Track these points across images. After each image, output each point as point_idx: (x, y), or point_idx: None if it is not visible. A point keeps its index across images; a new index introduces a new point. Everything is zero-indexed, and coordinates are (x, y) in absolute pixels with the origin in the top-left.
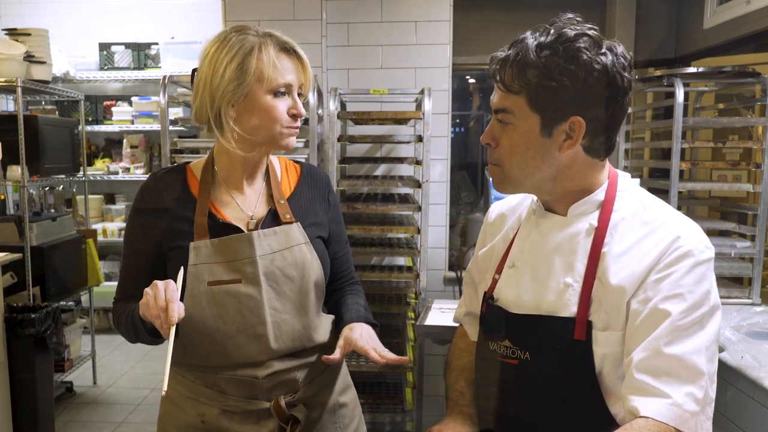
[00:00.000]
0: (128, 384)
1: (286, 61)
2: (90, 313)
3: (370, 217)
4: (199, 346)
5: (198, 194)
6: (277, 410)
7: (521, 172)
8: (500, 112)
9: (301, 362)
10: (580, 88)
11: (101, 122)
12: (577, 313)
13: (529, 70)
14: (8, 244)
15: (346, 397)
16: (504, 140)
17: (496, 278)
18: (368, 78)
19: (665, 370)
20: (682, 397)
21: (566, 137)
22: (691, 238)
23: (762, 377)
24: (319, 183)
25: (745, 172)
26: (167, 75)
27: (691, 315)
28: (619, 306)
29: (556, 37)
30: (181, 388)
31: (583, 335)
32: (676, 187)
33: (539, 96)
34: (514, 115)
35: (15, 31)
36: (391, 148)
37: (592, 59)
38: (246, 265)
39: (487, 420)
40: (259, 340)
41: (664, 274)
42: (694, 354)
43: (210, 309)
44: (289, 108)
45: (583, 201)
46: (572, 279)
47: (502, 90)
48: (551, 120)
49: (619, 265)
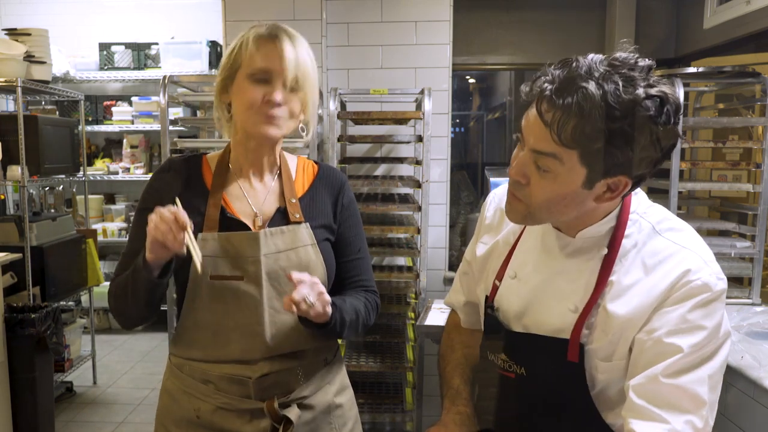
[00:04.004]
0: (128, 384)
1: (267, 46)
2: (90, 313)
3: (370, 217)
4: (197, 337)
5: (211, 186)
6: (270, 411)
7: (549, 216)
8: (543, 156)
9: (297, 363)
10: (639, 153)
11: (101, 122)
12: (571, 335)
13: (590, 129)
14: (8, 244)
15: (342, 397)
16: (539, 185)
17: (496, 284)
18: (368, 78)
19: (666, 397)
20: (681, 425)
21: (607, 190)
22: (702, 271)
23: (762, 377)
24: (334, 184)
25: (745, 172)
26: (167, 75)
27: (698, 351)
28: (625, 338)
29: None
30: (178, 383)
31: (576, 357)
32: (676, 187)
33: (594, 152)
34: (560, 164)
35: (15, 31)
36: (391, 148)
37: (658, 126)
38: (249, 263)
39: (487, 422)
40: (256, 339)
41: (671, 309)
42: (696, 383)
43: (210, 302)
44: (264, 94)
45: (593, 227)
46: (574, 304)
47: (552, 137)
48: (598, 175)
49: (627, 297)
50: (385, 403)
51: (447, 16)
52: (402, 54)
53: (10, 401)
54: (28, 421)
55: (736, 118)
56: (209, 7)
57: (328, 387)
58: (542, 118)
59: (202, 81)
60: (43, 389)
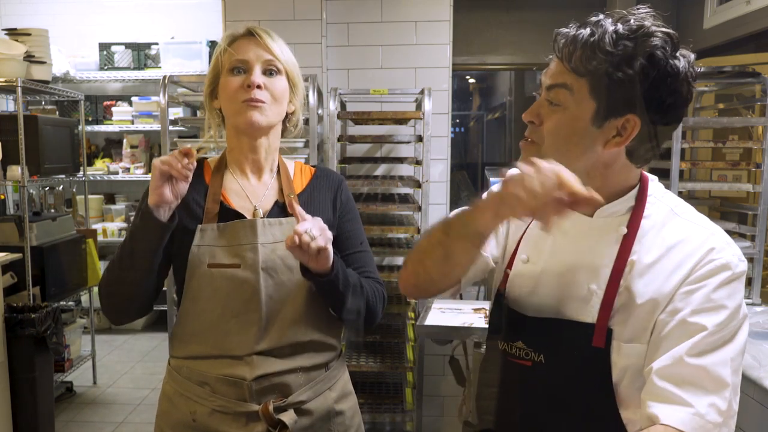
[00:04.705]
0: (128, 384)
1: (241, 42)
2: (90, 313)
3: (370, 217)
4: (196, 329)
5: (210, 181)
6: (265, 414)
7: (558, 156)
8: (555, 87)
9: (296, 365)
10: (647, 87)
11: (101, 122)
12: (598, 320)
13: (600, 55)
14: (8, 244)
15: (343, 404)
16: (550, 120)
17: (507, 272)
18: (368, 78)
19: (689, 379)
20: (705, 408)
21: (616, 134)
22: (725, 251)
23: (762, 377)
24: (331, 183)
25: (745, 172)
26: (167, 75)
27: (722, 330)
28: (648, 318)
29: (636, 28)
30: (176, 386)
31: (602, 342)
32: (676, 187)
33: (603, 83)
34: (570, 95)
35: (15, 31)
36: (391, 148)
37: (667, 60)
38: (247, 251)
39: (489, 420)
40: (253, 327)
41: (696, 287)
42: (719, 365)
43: (207, 291)
44: (243, 81)
45: (612, 204)
46: (596, 286)
47: (565, 67)
48: (607, 111)
49: (649, 276)
50: (385, 403)
51: (447, 16)
52: (402, 54)
53: (10, 401)
54: (28, 421)
55: (736, 118)
56: (209, 7)
57: (329, 393)
58: (558, 54)
59: (202, 81)
60: (43, 389)
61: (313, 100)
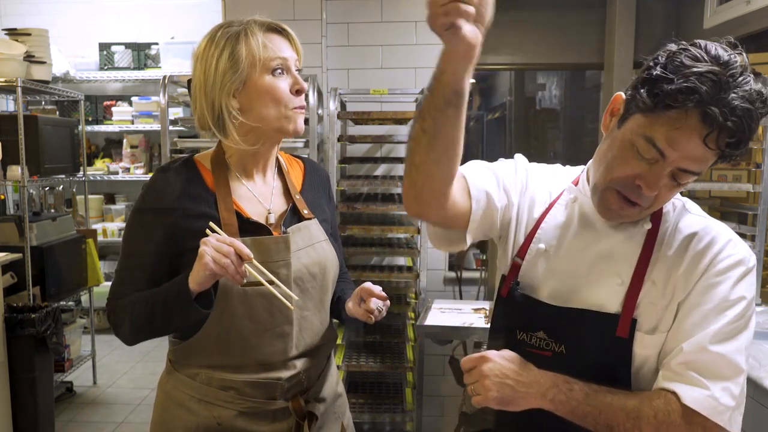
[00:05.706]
0: (128, 384)
1: (276, 39)
2: (90, 313)
3: (370, 217)
4: (221, 342)
5: (215, 188)
6: (296, 409)
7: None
8: (689, 174)
9: (316, 361)
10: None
11: (101, 122)
12: (623, 311)
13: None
14: (8, 244)
15: (340, 387)
16: (669, 195)
17: (518, 262)
18: (368, 78)
19: (708, 366)
20: (719, 391)
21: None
22: (740, 246)
23: (762, 377)
24: (322, 179)
25: (745, 172)
26: (167, 75)
27: (739, 320)
28: (670, 309)
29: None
30: (191, 392)
31: (626, 333)
32: None
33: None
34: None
35: (15, 31)
36: (391, 148)
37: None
38: (281, 267)
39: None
40: (284, 339)
41: (717, 280)
42: (736, 352)
43: (240, 309)
44: (291, 85)
45: None
46: (621, 277)
47: (712, 153)
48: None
49: (672, 268)
50: (385, 403)
51: None
52: (402, 54)
53: (10, 401)
54: (28, 421)
55: None
56: (209, 7)
57: (332, 378)
58: (711, 145)
59: None
60: (43, 389)
61: (313, 100)
